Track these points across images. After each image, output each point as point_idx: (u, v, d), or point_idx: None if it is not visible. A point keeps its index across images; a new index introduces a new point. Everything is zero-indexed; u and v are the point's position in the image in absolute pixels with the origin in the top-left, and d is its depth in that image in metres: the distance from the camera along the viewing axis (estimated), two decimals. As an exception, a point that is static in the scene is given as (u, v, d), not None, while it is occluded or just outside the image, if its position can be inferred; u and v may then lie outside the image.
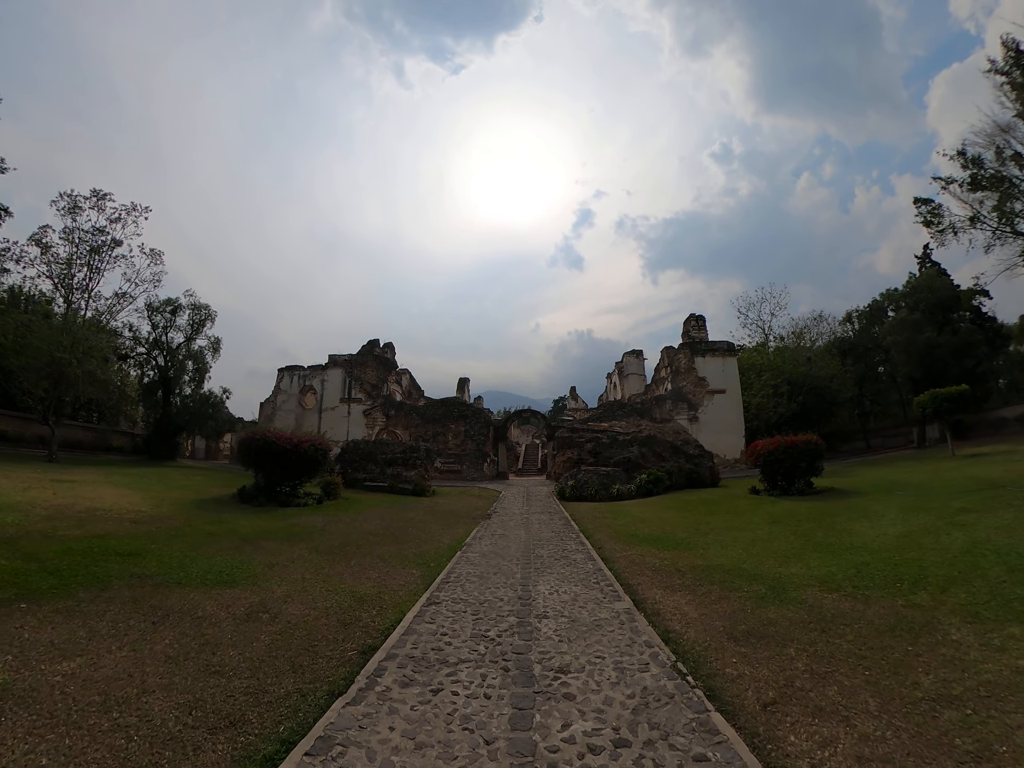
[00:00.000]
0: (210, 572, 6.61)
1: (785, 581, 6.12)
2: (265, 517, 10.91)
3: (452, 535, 10.21)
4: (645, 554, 8.10)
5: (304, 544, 8.57)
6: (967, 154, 19.57)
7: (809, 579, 6.17)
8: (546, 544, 9.26)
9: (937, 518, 8.73)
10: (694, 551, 8.09)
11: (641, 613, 5.32)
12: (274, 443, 13.37)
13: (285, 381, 34.05)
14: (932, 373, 31.84)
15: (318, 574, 6.76)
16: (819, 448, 14.05)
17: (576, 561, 7.84)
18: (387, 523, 10.95)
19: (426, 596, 5.96)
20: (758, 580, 6.23)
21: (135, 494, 12.18)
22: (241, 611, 5.35)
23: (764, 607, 5.28)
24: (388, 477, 18.63)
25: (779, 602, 5.42)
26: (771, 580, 6.20)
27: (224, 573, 6.65)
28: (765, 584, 6.04)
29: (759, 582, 6.14)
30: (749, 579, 6.29)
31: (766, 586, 5.95)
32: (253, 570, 6.85)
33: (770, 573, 6.50)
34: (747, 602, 5.47)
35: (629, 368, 43.08)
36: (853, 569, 6.46)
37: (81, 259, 24.53)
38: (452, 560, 7.93)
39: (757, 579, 6.28)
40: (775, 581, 6.14)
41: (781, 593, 5.68)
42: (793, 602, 5.39)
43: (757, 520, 10.30)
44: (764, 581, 6.17)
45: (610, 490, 16.22)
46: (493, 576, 6.94)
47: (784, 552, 7.57)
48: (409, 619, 5.13)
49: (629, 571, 7.10)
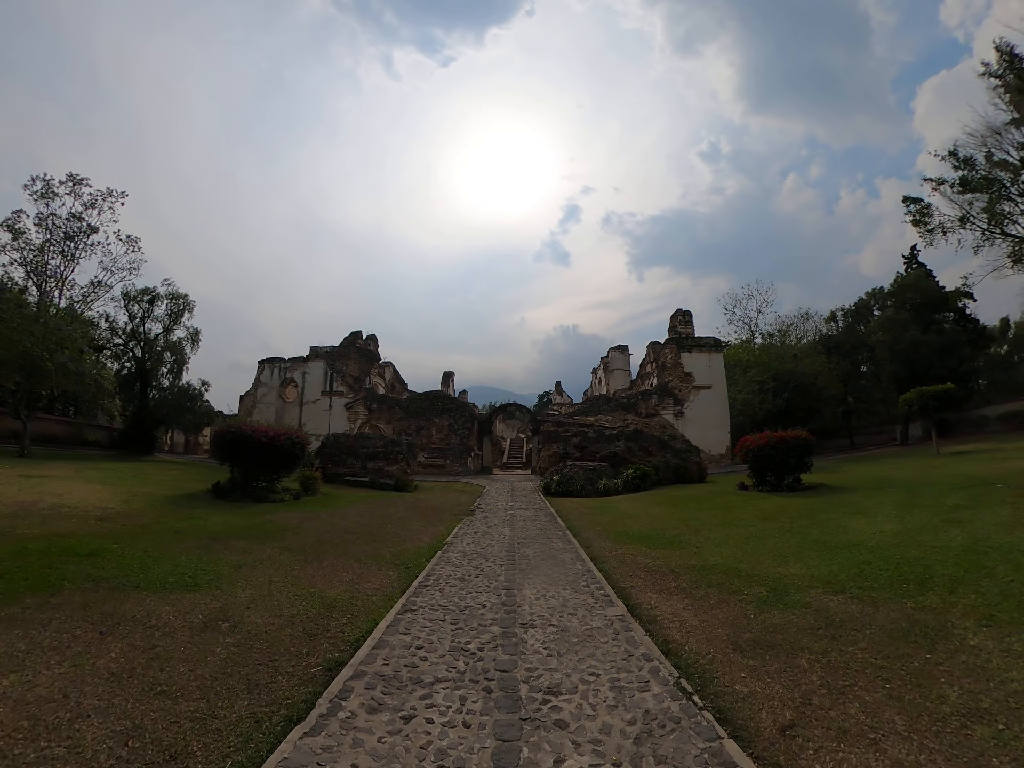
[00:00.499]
0: (172, 574, 6.10)
1: (786, 582, 5.79)
2: (239, 513, 10.36)
3: (433, 533, 9.73)
4: (636, 553, 7.73)
5: (276, 543, 8.04)
6: (959, 155, 19.58)
7: (811, 580, 5.86)
8: (532, 543, 8.85)
9: (933, 515, 8.59)
10: (687, 550, 7.74)
11: (636, 620, 4.91)
12: (249, 436, 12.78)
13: (265, 374, 33.16)
14: (916, 371, 32.22)
15: (287, 576, 6.25)
16: (809, 444, 13.90)
17: (564, 561, 7.40)
18: (365, 520, 10.43)
19: (402, 602, 5.48)
20: (758, 581, 5.90)
21: (106, 490, 11.66)
22: (199, 619, 4.85)
23: (767, 612, 4.92)
24: (369, 472, 18.07)
25: (783, 606, 5.07)
26: (771, 581, 5.86)
27: (187, 575, 6.14)
28: (766, 586, 5.70)
29: (759, 583, 5.80)
30: (748, 580, 5.95)
31: (767, 588, 5.61)
32: (218, 572, 6.33)
33: (769, 573, 6.17)
34: (749, 606, 5.11)
35: (614, 363, 42.97)
36: (855, 569, 6.18)
37: (55, 246, 23.53)
38: (432, 561, 7.47)
39: (756, 580, 5.94)
40: (776, 582, 5.81)
41: (783, 596, 5.34)
42: (797, 606, 5.05)
43: (749, 516, 10.03)
44: (764, 582, 5.84)
45: (596, 485, 15.90)
46: (475, 579, 6.48)
47: (781, 551, 7.27)
48: (382, 629, 4.65)
49: (620, 572, 6.72)
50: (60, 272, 24.19)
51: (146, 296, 27.12)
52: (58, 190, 23.67)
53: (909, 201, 22.24)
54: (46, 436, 24.94)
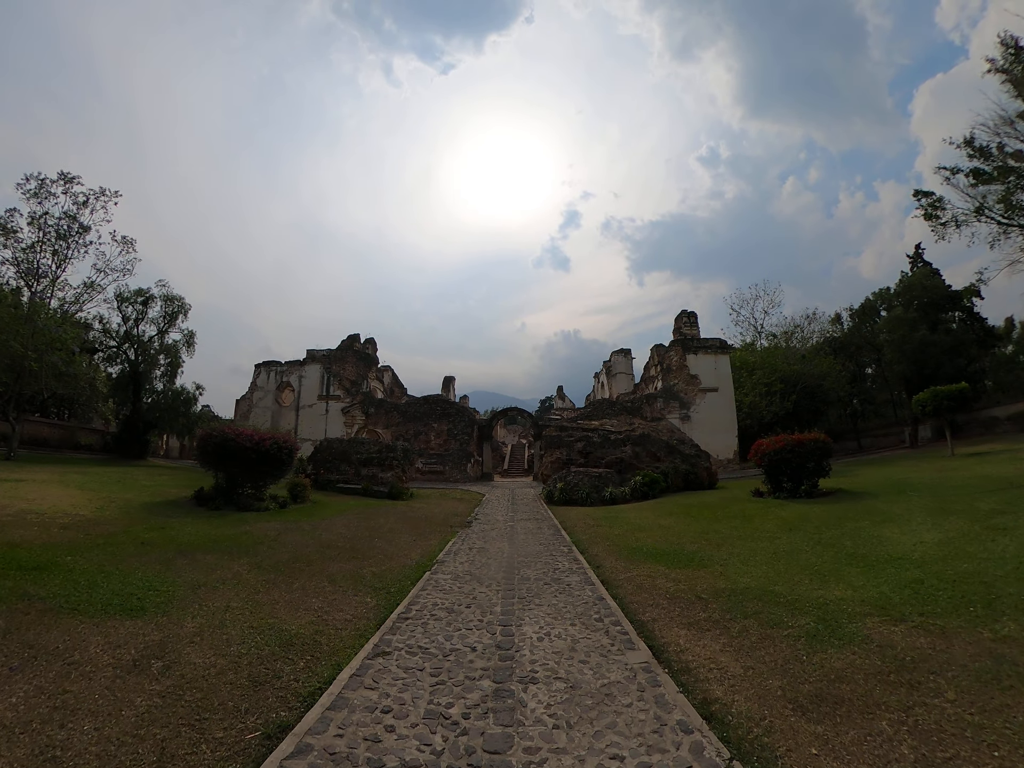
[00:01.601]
0: (119, 594, 5.31)
1: (834, 609, 4.89)
2: (216, 523, 9.52)
3: (423, 548, 8.79)
4: (654, 574, 6.75)
5: (247, 558, 7.18)
6: (975, 143, 18.79)
7: (861, 605, 4.97)
8: (533, 562, 7.89)
9: (971, 521, 7.84)
10: (711, 568, 6.77)
11: (665, 669, 3.96)
12: (233, 440, 11.97)
13: (262, 377, 32.39)
14: (925, 371, 31.38)
15: (248, 602, 5.37)
16: (828, 447, 13.05)
17: (571, 586, 6.41)
18: (351, 532, 9.48)
19: (375, 640, 4.54)
20: (801, 608, 4.99)
21: (83, 495, 10.96)
22: (130, 656, 4.02)
23: (822, 650, 4.02)
24: (363, 479, 17.18)
25: (838, 641, 4.18)
26: (816, 608, 4.96)
27: (135, 596, 5.34)
28: (812, 614, 4.79)
29: (803, 612, 4.89)
30: (789, 608, 5.03)
31: (814, 618, 4.70)
32: (172, 593, 5.50)
33: (811, 597, 5.26)
34: (798, 644, 4.20)
35: (617, 367, 42.08)
36: (908, 589, 5.31)
37: (47, 246, 22.97)
38: (417, 585, 6.53)
39: (799, 607, 5.03)
40: (822, 609, 4.90)
41: (836, 628, 4.44)
42: (855, 640, 4.16)
43: (770, 527, 9.14)
44: (809, 610, 4.93)
45: (602, 493, 14.97)
46: (465, 610, 5.50)
47: (817, 567, 6.38)
48: (344, 679, 3.71)
49: (638, 600, 5.76)
50: (52, 272, 23.60)
51: (140, 298, 26.60)
52: (51, 189, 23.16)
53: (920, 195, 21.46)
54: (37, 439, 24.42)
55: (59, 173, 23.49)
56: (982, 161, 18.85)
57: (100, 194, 24.51)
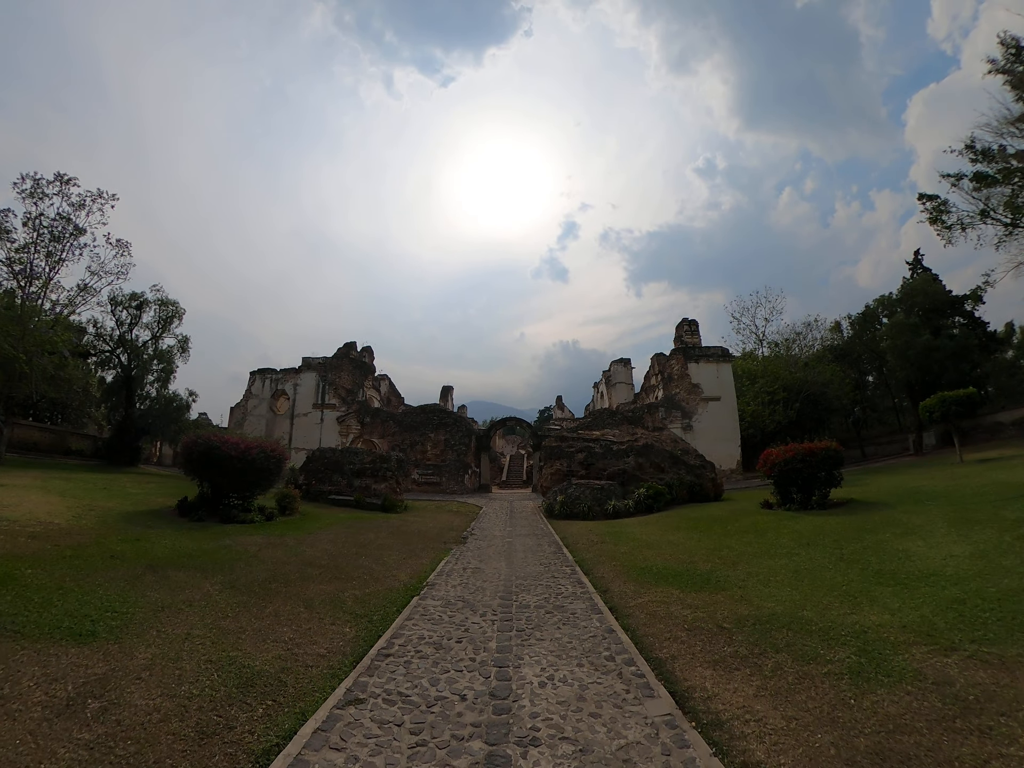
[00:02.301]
0: (72, 616, 4.76)
1: (873, 637, 4.31)
2: (196, 536, 8.93)
3: (413, 568, 8.15)
4: (667, 599, 6.09)
5: (221, 576, 6.59)
6: (976, 147, 18.45)
7: (903, 631, 4.40)
8: (533, 585, 7.20)
9: (999, 532, 7.31)
10: (729, 591, 6.12)
11: (693, 723, 3.29)
12: (217, 448, 11.39)
13: (257, 385, 31.84)
14: (928, 378, 30.98)
15: (212, 628, 4.77)
16: (839, 456, 12.50)
17: (576, 615, 5.72)
18: (337, 548, 8.84)
19: (349, 682, 3.89)
20: (836, 638, 4.40)
21: (63, 502, 10.43)
22: (67, 692, 3.48)
23: (872, 691, 3.44)
24: (355, 490, 16.55)
25: (887, 678, 3.61)
26: (854, 637, 4.37)
27: (90, 618, 4.77)
28: (850, 645, 4.21)
29: (840, 642, 4.31)
30: (824, 637, 4.44)
31: (853, 649, 4.12)
32: (131, 616, 4.94)
33: (845, 624, 4.68)
34: (842, 683, 3.62)
35: (617, 377, 41.62)
36: (951, 611, 4.76)
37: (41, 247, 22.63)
38: (404, 612, 5.86)
39: (834, 637, 4.45)
40: (860, 639, 4.32)
41: (880, 661, 3.86)
42: (906, 677, 3.59)
43: (786, 542, 8.55)
44: (846, 640, 4.34)
45: (605, 506, 14.35)
46: (456, 645, 4.80)
47: (844, 588, 5.80)
48: (307, 734, 3.08)
49: (653, 633, 5.06)
50: (45, 274, 23.21)
51: (134, 302, 26.21)
52: (47, 190, 22.83)
53: (925, 198, 21.09)
54: (27, 443, 23.89)
55: (55, 174, 23.16)
56: (985, 164, 18.53)
57: (97, 196, 24.21)
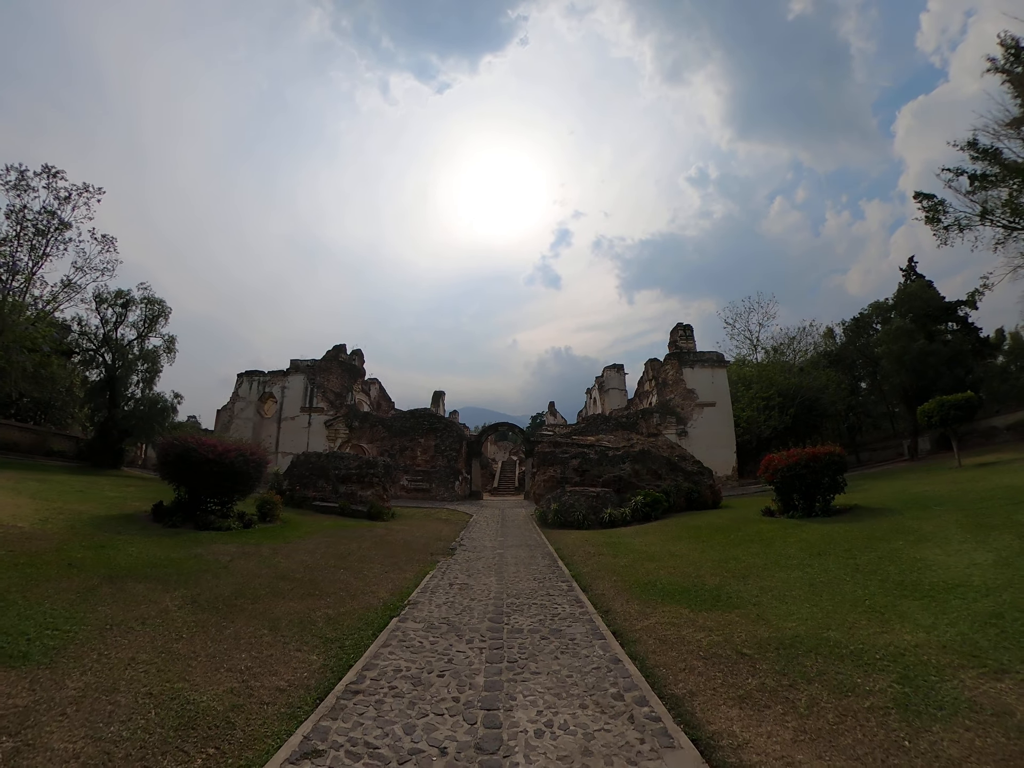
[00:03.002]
0: (7, 633, 4.22)
1: (913, 661, 3.81)
2: (165, 543, 8.29)
3: (395, 583, 7.50)
4: (677, 620, 5.47)
5: (184, 590, 5.96)
6: (978, 145, 18.30)
7: (943, 652, 3.90)
8: (527, 604, 6.53)
9: (1020, 537, 6.92)
10: (744, 609, 5.56)
11: None
12: (194, 451, 10.77)
13: (244, 387, 31.02)
14: (923, 383, 30.88)
15: (161, 652, 4.16)
16: (843, 460, 12.08)
17: (576, 641, 5.02)
18: (315, 560, 8.22)
19: (308, 727, 3.24)
20: (872, 663, 3.89)
21: (33, 505, 9.89)
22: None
23: (926, 728, 2.93)
24: (341, 496, 15.88)
25: (939, 711, 3.10)
26: (891, 661, 3.87)
27: (26, 636, 4.20)
28: (890, 672, 3.70)
29: (877, 668, 3.80)
30: (858, 663, 3.92)
31: (895, 676, 3.61)
32: (73, 635, 4.36)
33: (879, 645, 4.17)
34: (889, 719, 3.10)
35: (610, 383, 41.21)
36: (991, 627, 4.29)
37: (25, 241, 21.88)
38: (380, 636, 5.13)
39: (869, 661, 3.94)
40: (899, 663, 3.82)
41: (928, 690, 3.35)
42: (960, 709, 3.09)
43: (795, 551, 8.05)
44: (883, 665, 3.84)
45: (601, 515, 13.79)
46: (437, 680, 4.10)
47: (867, 602, 5.29)
48: None
49: (666, 663, 4.43)
50: (28, 268, 22.42)
51: (120, 299, 25.37)
52: (33, 182, 22.14)
53: (921, 197, 20.89)
54: (7, 443, 23.10)
55: (43, 166, 22.48)
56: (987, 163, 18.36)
57: (83, 190, 23.54)
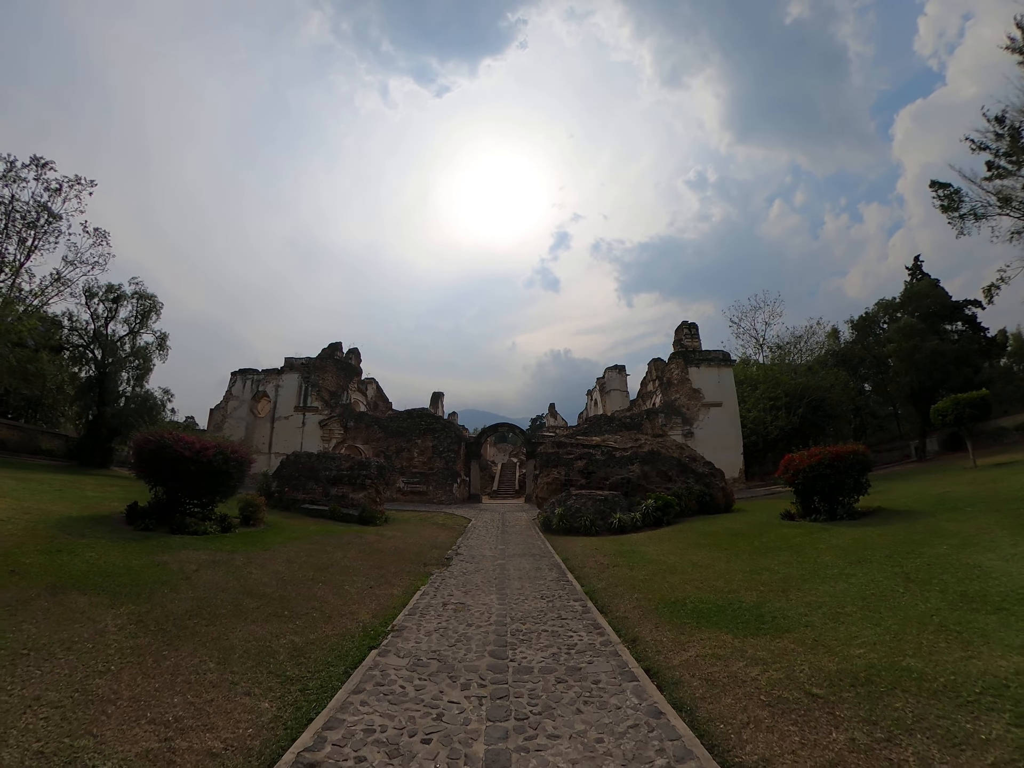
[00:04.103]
0: None
1: (1022, 694, 2.96)
2: (130, 549, 7.41)
3: (380, 601, 6.55)
4: (722, 650, 4.42)
5: (132, 606, 5.09)
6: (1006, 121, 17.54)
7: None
8: (535, 631, 5.39)
9: None
10: (796, 632, 4.58)
11: None
12: (169, 447, 9.87)
13: (237, 386, 30.14)
14: (931, 383, 30.21)
15: (76, 691, 3.30)
16: (868, 460, 11.26)
17: (601, 684, 3.92)
18: (291, 571, 7.27)
19: None
20: (974, 699, 3.07)
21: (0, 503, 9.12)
22: None
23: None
24: (331, 499, 14.99)
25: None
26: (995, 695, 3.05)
27: None
28: (999, 709, 2.87)
29: (982, 705, 2.98)
30: (956, 699, 3.09)
31: (1008, 717, 2.76)
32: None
33: (970, 674, 3.33)
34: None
35: (611, 384, 40.39)
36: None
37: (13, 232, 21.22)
38: (353, 676, 4.10)
39: (967, 695, 3.12)
40: (1006, 697, 3.00)
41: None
42: None
43: (830, 560, 7.17)
44: (988, 701, 3.02)
45: (609, 520, 12.87)
46: (421, 749, 3.03)
47: (936, 619, 4.43)
48: None
49: (721, 713, 3.36)
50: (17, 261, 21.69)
51: (111, 294, 24.58)
52: (22, 173, 21.50)
53: (937, 186, 20.18)
54: None
55: (32, 157, 21.85)
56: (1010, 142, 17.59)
57: (75, 182, 22.87)
